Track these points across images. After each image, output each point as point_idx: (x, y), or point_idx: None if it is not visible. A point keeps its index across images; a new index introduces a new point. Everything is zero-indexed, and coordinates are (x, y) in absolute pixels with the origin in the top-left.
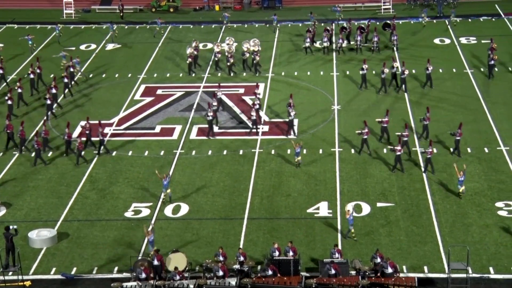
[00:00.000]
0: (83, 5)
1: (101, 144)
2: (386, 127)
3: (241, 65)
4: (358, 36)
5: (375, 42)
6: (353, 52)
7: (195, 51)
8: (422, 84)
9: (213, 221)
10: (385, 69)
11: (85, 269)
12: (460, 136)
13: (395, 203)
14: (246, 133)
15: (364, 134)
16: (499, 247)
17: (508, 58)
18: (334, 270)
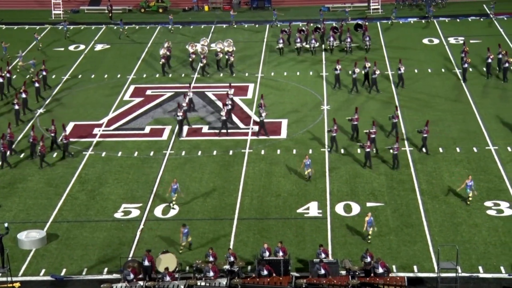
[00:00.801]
0: (71, 6)
1: (64, 148)
2: (356, 125)
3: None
4: (331, 37)
5: (348, 43)
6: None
7: (167, 52)
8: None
9: (203, 221)
10: (355, 69)
11: (74, 270)
12: (427, 134)
13: (384, 203)
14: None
15: (333, 132)
16: (488, 247)
17: (496, 58)
18: (324, 270)
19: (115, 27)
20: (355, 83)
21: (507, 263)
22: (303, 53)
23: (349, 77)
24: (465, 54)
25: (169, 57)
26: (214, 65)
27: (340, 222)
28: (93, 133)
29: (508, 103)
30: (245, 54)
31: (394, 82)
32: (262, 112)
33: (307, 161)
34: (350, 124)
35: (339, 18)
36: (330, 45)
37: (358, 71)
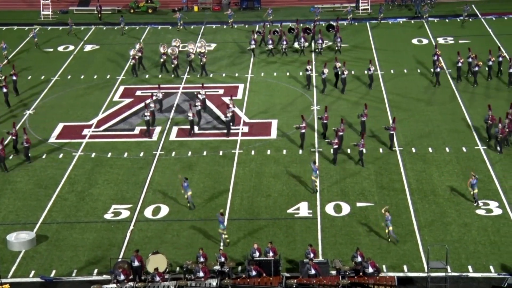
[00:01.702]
0: (60, 6)
1: (25, 152)
2: (326, 123)
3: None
4: (302, 38)
5: (319, 44)
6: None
7: (139, 53)
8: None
9: (194, 222)
10: (324, 69)
11: (64, 272)
12: (394, 131)
13: (374, 203)
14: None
15: (301, 129)
16: (477, 246)
17: (485, 57)
18: (314, 270)
19: (116, 27)
20: (325, 83)
21: (496, 263)
22: (290, 54)
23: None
24: (437, 58)
25: (140, 58)
26: (197, 66)
27: (330, 222)
28: (82, 134)
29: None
30: (235, 54)
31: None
32: (227, 113)
33: (315, 167)
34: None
35: (330, 18)
36: (301, 46)
37: (327, 71)
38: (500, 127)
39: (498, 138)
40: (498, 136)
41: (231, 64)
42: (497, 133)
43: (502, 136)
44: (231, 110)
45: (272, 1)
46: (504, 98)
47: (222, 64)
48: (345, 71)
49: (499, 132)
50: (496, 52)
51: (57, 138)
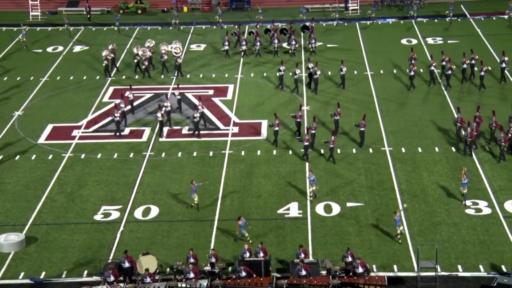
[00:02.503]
0: (49, 7)
1: None
2: (299, 122)
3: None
4: (275, 39)
5: (292, 45)
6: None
7: (112, 54)
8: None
9: (184, 223)
10: (296, 70)
11: (54, 273)
12: (364, 127)
13: (364, 203)
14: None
15: (275, 126)
16: (467, 245)
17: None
18: (305, 271)
19: (115, 28)
20: (297, 83)
21: (485, 262)
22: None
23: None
24: (413, 61)
25: (113, 59)
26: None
27: (320, 222)
28: (72, 135)
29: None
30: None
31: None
32: (195, 114)
33: (311, 177)
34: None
35: (320, 18)
36: (274, 47)
37: (298, 72)
38: (469, 131)
39: (467, 142)
40: (467, 140)
41: (221, 64)
42: (466, 137)
43: (471, 140)
44: (200, 111)
45: (262, 2)
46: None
47: (211, 64)
48: (317, 71)
49: (468, 135)
50: (470, 55)
51: (47, 139)
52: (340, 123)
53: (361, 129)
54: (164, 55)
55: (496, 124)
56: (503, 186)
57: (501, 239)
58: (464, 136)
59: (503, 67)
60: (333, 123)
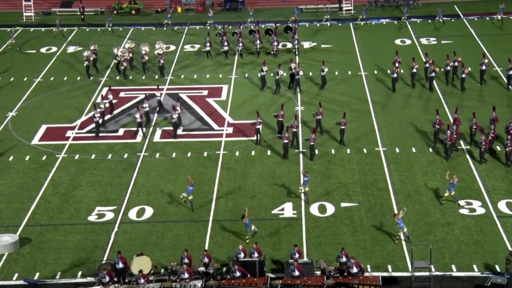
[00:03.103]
0: (43, 8)
1: None
2: (281, 121)
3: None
4: (257, 40)
5: (274, 46)
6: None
7: (93, 54)
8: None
9: (178, 223)
10: (279, 70)
11: (48, 274)
12: (345, 126)
13: (359, 203)
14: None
15: (257, 124)
16: (461, 245)
17: (467, 58)
18: (298, 272)
19: (104, 29)
20: (278, 84)
21: (479, 262)
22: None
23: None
24: (397, 64)
25: (95, 60)
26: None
27: (315, 222)
28: (66, 135)
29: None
30: (219, 55)
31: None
32: (173, 115)
33: (305, 178)
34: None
35: (313, 19)
36: (256, 48)
37: (281, 72)
38: (449, 134)
39: (447, 145)
40: (447, 143)
41: (215, 65)
42: (445, 140)
43: (451, 143)
44: (178, 112)
45: (256, 2)
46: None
47: (206, 65)
48: (300, 72)
49: (448, 138)
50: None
51: (40, 140)
52: (334, 123)
53: (341, 127)
54: (145, 56)
55: (476, 126)
56: (496, 186)
57: (495, 239)
58: (444, 140)
59: (483, 70)
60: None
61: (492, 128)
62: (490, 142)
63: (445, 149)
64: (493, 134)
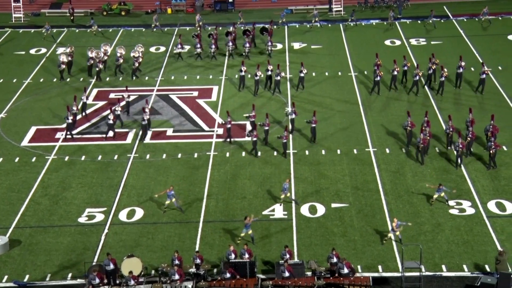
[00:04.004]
0: (32, 9)
1: None
2: (253, 122)
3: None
4: (229, 42)
5: (246, 47)
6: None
7: (69, 57)
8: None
9: (169, 225)
10: (258, 71)
11: (38, 276)
12: (315, 124)
13: (349, 204)
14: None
15: (227, 124)
16: (451, 245)
17: (457, 59)
18: (288, 273)
19: (88, 30)
20: (258, 84)
21: (469, 262)
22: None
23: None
24: (378, 67)
25: (70, 63)
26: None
27: (305, 223)
28: (55, 137)
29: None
30: (209, 56)
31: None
32: (144, 117)
33: (285, 184)
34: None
35: (302, 20)
36: (229, 49)
37: (260, 73)
38: (422, 137)
39: (420, 148)
40: (420, 145)
41: (205, 66)
42: (418, 143)
43: (424, 146)
44: (148, 114)
45: (245, 3)
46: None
47: (196, 66)
48: (281, 73)
49: (421, 141)
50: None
51: (30, 142)
52: (324, 125)
53: (312, 125)
54: (120, 59)
55: (453, 128)
56: (486, 186)
57: (484, 238)
58: (417, 142)
59: (460, 72)
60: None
61: (470, 130)
62: (469, 143)
63: (417, 152)
64: (472, 136)
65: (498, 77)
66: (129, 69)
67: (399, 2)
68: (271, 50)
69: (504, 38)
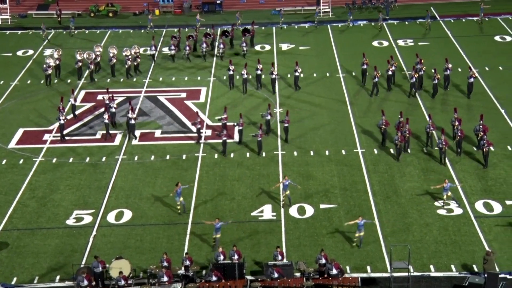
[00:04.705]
0: (19, 10)
1: None
2: (225, 124)
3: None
4: (203, 44)
5: (220, 48)
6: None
7: (57, 61)
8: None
9: (157, 226)
10: (243, 70)
11: (26, 279)
12: (288, 123)
13: (337, 205)
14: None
15: (197, 124)
16: (439, 245)
17: (443, 59)
18: (277, 274)
19: (67, 32)
20: (246, 83)
21: (457, 262)
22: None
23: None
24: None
25: (58, 66)
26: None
27: (294, 224)
28: (43, 139)
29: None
30: (197, 58)
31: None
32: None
33: (286, 182)
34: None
35: (292, 20)
36: (202, 51)
37: (244, 72)
38: (399, 135)
39: (398, 146)
40: (398, 143)
41: (194, 67)
42: (396, 141)
43: (401, 144)
44: (109, 114)
45: (233, 5)
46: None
47: (184, 67)
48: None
49: (398, 139)
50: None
51: (17, 144)
52: (313, 126)
53: (285, 125)
54: (112, 59)
55: (433, 127)
56: (473, 187)
57: (472, 239)
58: (394, 140)
59: (447, 74)
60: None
61: (459, 129)
62: (459, 141)
63: (396, 150)
64: (461, 134)
65: (486, 78)
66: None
67: (387, 3)
68: (246, 51)
69: (491, 39)
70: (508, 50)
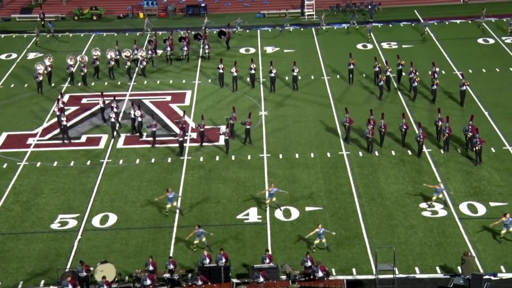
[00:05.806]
0: (2, 14)
1: None
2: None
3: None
4: (168, 47)
5: (184, 50)
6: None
7: (49, 68)
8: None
9: (142, 230)
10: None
11: (10, 284)
12: (250, 125)
13: (323, 207)
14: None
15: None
16: (424, 247)
17: (427, 62)
18: (262, 278)
19: (48, 35)
20: (236, 81)
21: (442, 263)
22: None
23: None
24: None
25: (50, 73)
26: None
27: (279, 227)
28: (27, 143)
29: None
30: (183, 61)
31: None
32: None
33: (272, 190)
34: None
35: (276, 24)
36: (182, 54)
37: (233, 70)
38: (370, 128)
39: (370, 139)
40: (369, 137)
41: (179, 70)
42: (367, 134)
43: (373, 137)
44: (64, 116)
45: (218, 8)
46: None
47: (169, 70)
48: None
49: (369, 132)
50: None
51: (1, 148)
52: (298, 129)
53: (246, 127)
54: (96, 61)
55: (406, 126)
56: (458, 189)
57: (456, 240)
58: (365, 134)
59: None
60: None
61: (447, 126)
62: (447, 139)
63: (368, 143)
64: (449, 131)
65: (469, 81)
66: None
67: (371, 6)
68: (208, 53)
69: (474, 42)
70: (490, 52)
